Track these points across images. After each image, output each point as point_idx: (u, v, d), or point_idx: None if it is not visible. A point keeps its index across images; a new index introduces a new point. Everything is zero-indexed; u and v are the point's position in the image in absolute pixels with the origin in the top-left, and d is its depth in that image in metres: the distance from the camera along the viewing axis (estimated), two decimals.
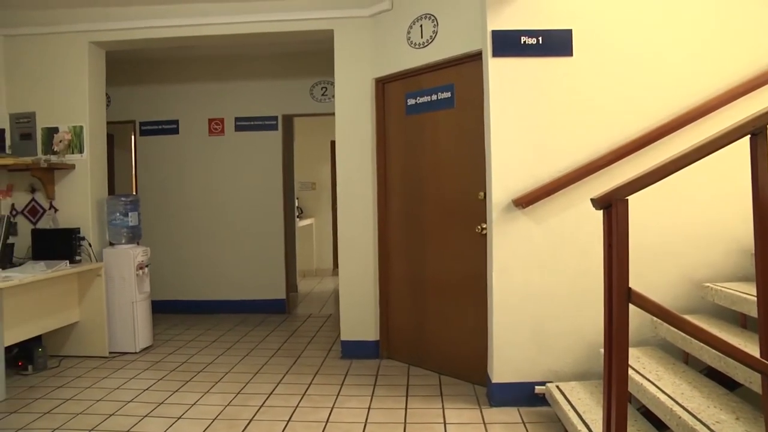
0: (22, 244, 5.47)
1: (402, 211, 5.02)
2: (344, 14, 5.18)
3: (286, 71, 7.25)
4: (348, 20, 5.19)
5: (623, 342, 2.24)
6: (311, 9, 5.23)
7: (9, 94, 5.59)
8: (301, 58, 7.15)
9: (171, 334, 6.22)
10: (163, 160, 7.41)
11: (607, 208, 2.28)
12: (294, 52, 7.07)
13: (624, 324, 2.23)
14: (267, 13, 5.29)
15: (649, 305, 2.25)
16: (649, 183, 2.28)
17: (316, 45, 6.25)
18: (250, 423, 3.75)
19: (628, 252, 2.23)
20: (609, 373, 2.30)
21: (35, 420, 3.90)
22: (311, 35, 5.44)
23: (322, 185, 10.92)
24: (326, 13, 5.21)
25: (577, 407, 3.29)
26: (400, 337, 5.07)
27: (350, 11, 5.16)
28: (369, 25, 5.13)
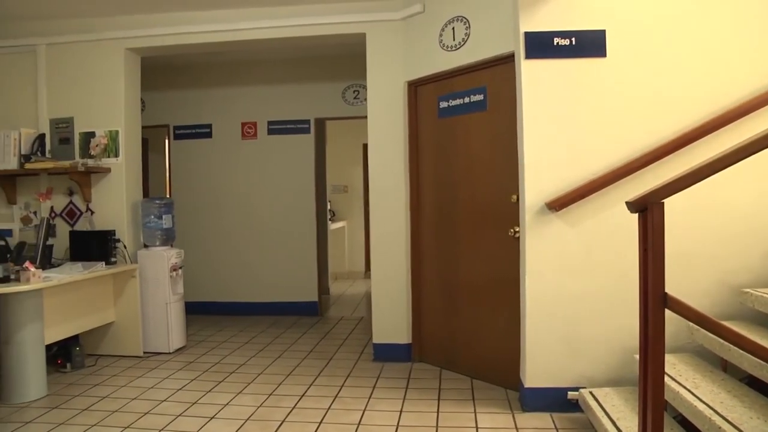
0: (60, 245, 5.59)
1: (434, 214, 5.01)
2: (376, 18, 5.19)
3: (319, 75, 7.29)
4: (380, 23, 5.19)
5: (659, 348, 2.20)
6: (343, 13, 5.25)
7: (49, 100, 5.72)
8: (333, 61, 7.19)
9: (204, 335, 6.28)
10: (196, 164, 7.50)
11: (643, 211, 2.25)
12: (326, 56, 7.11)
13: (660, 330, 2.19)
14: (299, 17, 5.32)
15: (685, 310, 2.20)
16: (686, 186, 2.24)
17: (348, 48, 6.27)
18: (282, 424, 3.77)
19: (664, 256, 2.19)
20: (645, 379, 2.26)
21: (74, 416, 4.01)
22: (343, 39, 5.47)
23: (354, 188, 10.95)
24: (358, 17, 5.23)
25: (611, 414, 3.24)
26: (433, 341, 5.05)
27: (382, 14, 5.16)
28: (401, 28, 5.13)
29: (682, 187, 2.24)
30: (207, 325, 6.79)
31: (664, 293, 2.19)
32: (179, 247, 5.89)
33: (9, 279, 4.35)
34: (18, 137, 5.50)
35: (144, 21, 5.56)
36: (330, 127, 8.38)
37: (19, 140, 5.50)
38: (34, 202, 5.77)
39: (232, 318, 7.15)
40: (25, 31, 5.69)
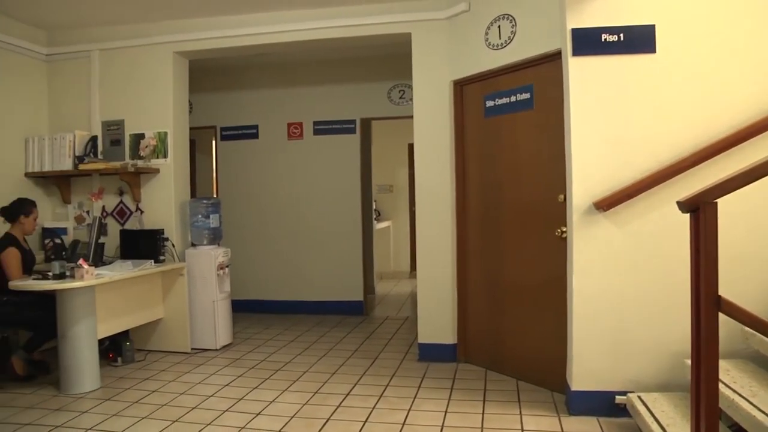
0: (111, 243, 5.74)
1: (480, 213, 4.97)
2: (421, 17, 5.18)
3: (364, 75, 7.31)
4: (425, 23, 5.17)
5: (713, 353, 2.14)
6: (389, 13, 5.25)
7: (102, 103, 5.90)
8: (378, 61, 7.20)
9: (250, 333, 6.36)
10: (243, 164, 7.60)
11: (695, 211, 2.19)
12: (372, 56, 7.13)
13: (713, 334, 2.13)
14: (345, 18, 5.35)
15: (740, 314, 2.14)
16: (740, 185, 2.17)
17: (393, 48, 6.26)
18: (328, 422, 3.79)
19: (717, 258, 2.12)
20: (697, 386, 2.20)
21: (126, 408, 4.13)
22: (389, 39, 5.47)
23: (399, 188, 10.95)
24: (403, 17, 5.22)
25: (661, 420, 3.16)
26: (478, 341, 5.02)
27: (427, 14, 5.15)
28: (446, 27, 5.11)
29: (736, 187, 2.17)
30: (253, 323, 6.87)
31: (718, 296, 2.13)
32: (226, 246, 5.98)
33: (64, 275, 4.49)
34: (72, 139, 5.68)
35: (192, 25, 5.68)
36: (375, 127, 8.38)
37: (74, 142, 5.68)
38: (87, 202, 5.95)
39: (277, 316, 7.22)
40: (79, 38, 5.90)
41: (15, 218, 4.93)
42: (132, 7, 5.37)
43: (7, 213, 4.94)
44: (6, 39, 5.51)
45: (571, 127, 3.77)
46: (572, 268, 3.80)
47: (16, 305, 4.70)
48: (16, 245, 4.81)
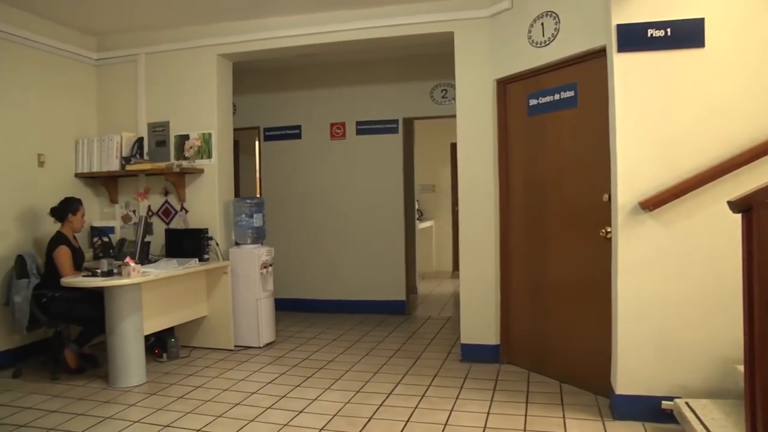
0: (156, 242, 5.86)
1: (523, 213, 4.91)
2: (464, 16, 5.14)
3: (407, 74, 7.29)
4: (468, 21, 5.13)
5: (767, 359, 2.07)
6: (431, 12, 5.22)
7: (148, 105, 6.04)
8: (421, 60, 7.18)
9: (293, 331, 6.41)
10: (286, 164, 7.66)
11: (747, 211, 2.12)
12: (414, 55, 7.11)
13: None
14: (387, 18, 5.34)
15: None
16: None
17: (436, 47, 6.25)
18: (370, 421, 3.79)
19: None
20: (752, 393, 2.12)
21: (171, 403, 4.23)
22: (431, 38, 5.44)
23: (442, 187, 10.90)
24: (446, 16, 5.19)
25: (711, 428, 3.04)
26: (521, 342, 4.96)
27: (470, 12, 5.11)
28: (488, 25, 5.06)
29: None
30: (295, 321, 6.92)
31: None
32: (269, 246, 6.02)
33: (112, 273, 4.60)
34: (120, 141, 5.82)
35: (235, 28, 5.75)
36: (418, 126, 8.37)
37: (121, 143, 5.82)
38: (133, 202, 6.09)
39: (320, 315, 7.26)
40: (127, 43, 6.06)
41: (63, 217, 5.08)
42: (177, 11, 5.48)
43: (56, 213, 5.09)
44: (59, 45, 5.72)
45: (616, 125, 3.70)
46: (617, 268, 3.72)
47: (68, 301, 4.87)
48: (66, 243, 4.97)
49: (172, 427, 3.78)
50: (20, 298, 4.82)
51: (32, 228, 5.41)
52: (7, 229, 5.20)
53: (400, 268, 7.34)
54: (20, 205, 5.32)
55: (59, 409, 4.14)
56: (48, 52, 5.63)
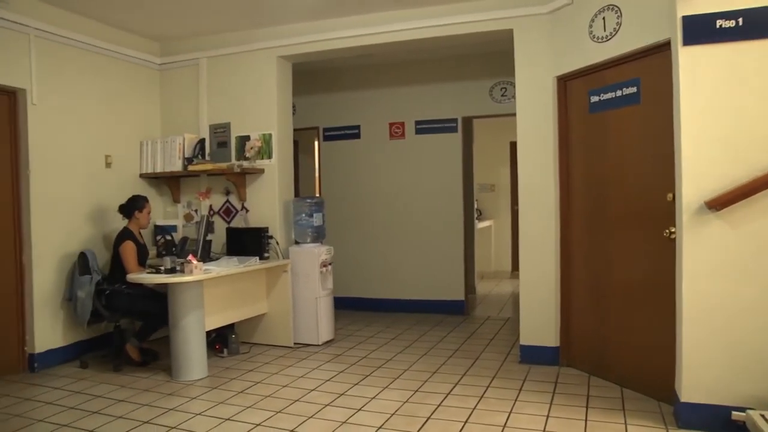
0: (217, 241, 5.99)
1: (584, 213, 4.79)
2: (523, 12, 5.05)
3: (465, 73, 7.24)
4: (527, 18, 5.05)
5: None
6: (490, 10, 5.16)
7: (209, 107, 6.19)
8: (480, 58, 7.11)
9: (351, 330, 6.43)
10: (345, 164, 7.71)
11: None
12: (473, 54, 7.05)
13: None
14: (446, 16, 5.30)
15: None
16: None
17: (494, 45, 6.19)
18: (428, 421, 3.76)
19: None
20: None
21: (231, 397, 4.32)
22: (490, 36, 5.37)
23: (501, 187, 10.80)
24: (505, 13, 5.11)
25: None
26: (581, 345, 4.84)
27: (529, 9, 5.02)
28: (548, 21, 4.96)
29: None
30: (354, 320, 6.95)
31: None
32: (329, 245, 6.06)
33: (175, 270, 4.72)
34: (182, 142, 5.96)
35: (294, 30, 5.82)
36: (477, 125, 8.30)
37: (183, 145, 5.96)
38: (195, 201, 6.24)
39: (378, 314, 7.27)
40: (189, 48, 6.23)
41: (130, 214, 5.27)
42: (238, 15, 5.58)
43: (123, 210, 5.30)
44: (126, 51, 5.94)
45: (681, 121, 3.54)
46: (682, 270, 3.57)
47: (130, 296, 5.05)
48: (132, 239, 5.15)
49: (233, 420, 3.85)
50: (83, 294, 5.02)
51: (101, 225, 5.65)
52: (78, 225, 5.44)
53: (459, 268, 7.28)
54: (89, 204, 5.55)
55: (126, 399, 4.32)
56: (115, 59, 5.85)
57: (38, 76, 5.07)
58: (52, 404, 4.26)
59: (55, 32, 5.19)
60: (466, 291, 7.43)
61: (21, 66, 4.96)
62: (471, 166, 8.11)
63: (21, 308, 5.07)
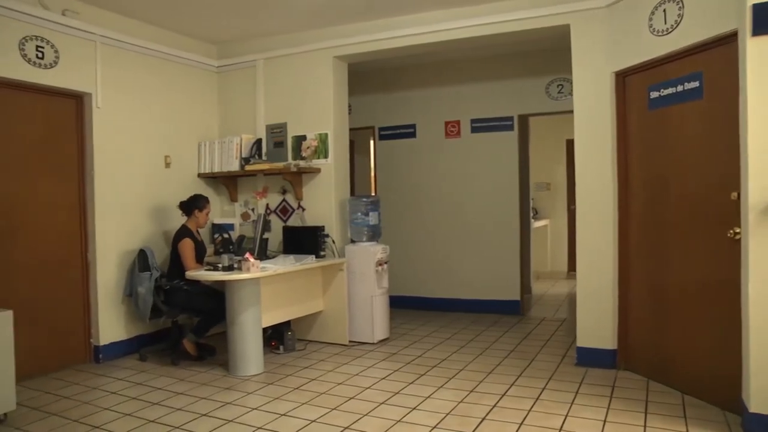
0: (274, 239, 6.09)
1: (643, 212, 4.67)
2: (580, 7, 4.95)
3: (521, 70, 7.16)
4: (584, 13, 4.95)
5: None
6: (546, 5, 5.08)
7: (266, 108, 6.30)
8: (536, 55, 7.03)
9: (406, 329, 6.44)
10: (400, 163, 7.73)
11: None
12: (529, 51, 6.97)
13: None
14: (502, 13, 5.25)
15: None
16: None
17: (550, 42, 6.11)
18: (483, 422, 3.73)
19: None
20: None
21: (287, 393, 4.39)
22: (546, 32, 5.29)
23: (557, 186, 10.64)
24: (561, 8, 5.03)
25: None
26: (640, 348, 4.71)
27: (586, 3, 4.92)
28: (606, 15, 4.85)
29: None
30: (409, 319, 6.95)
31: None
32: (384, 243, 6.08)
33: (233, 268, 4.81)
34: (239, 142, 6.08)
35: (350, 30, 5.87)
36: (532, 123, 8.20)
37: (240, 145, 6.07)
38: (252, 200, 6.37)
39: (433, 313, 7.26)
40: (246, 50, 6.37)
41: (190, 212, 5.41)
42: (294, 17, 5.67)
43: (183, 207, 5.44)
44: (185, 55, 6.13)
45: (747, 116, 3.39)
46: (747, 273, 3.42)
47: (189, 293, 5.19)
48: (190, 236, 5.28)
49: (288, 416, 3.90)
50: (144, 289, 5.18)
51: (160, 223, 5.84)
52: (138, 224, 5.65)
53: (514, 268, 7.21)
54: (149, 203, 5.75)
55: (185, 392, 4.46)
56: (174, 62, 6.04)
57: (102, 81, 5.28)
58: (116, 394, 4.46)
59: (119, 38, 5.41)
60: (522, 291, 7.35)
61: (87, 71, 5.18)
62: (527, 164, 8.02)
63: (87, 303, 5.32)
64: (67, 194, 5.20)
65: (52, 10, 4.87)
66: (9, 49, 4.60)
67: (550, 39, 5.71)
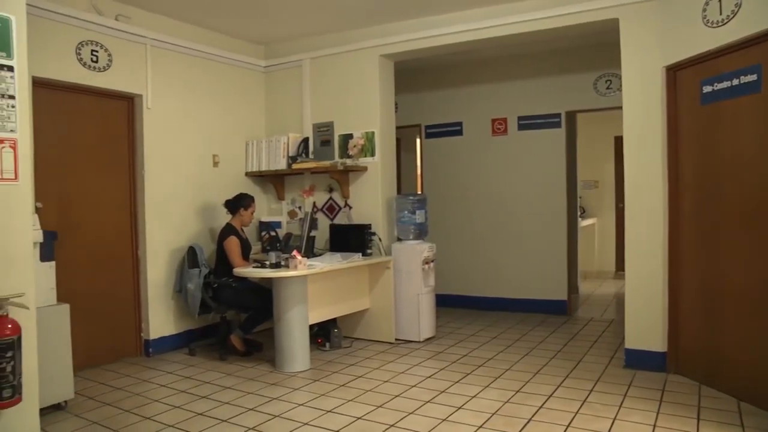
0: (321, 237, 6.16)
1: (694, 210, 4.54)
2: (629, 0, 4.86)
3: (568, 67, 7.06)
4: (634, 6, 4.84)
5: None
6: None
7: (313, 107, 6.36)
8: (583, 51, 6.93)
9: (452, 327, 6.43)
10: (446, 161, 7.71)
11: None
12: (575, 47, 6.88)
13: None
14: (549, 8, 5.18)
15: None
16: None
17: (598, 37, 6.01)
18: (529, 423, 3.70)
19: None
20: None
21: (333, 390, 4.44)
22: (595, 27, 5.20)
23: (605, 183, 10.47)
24: (610, 2, 4.92)
25: None
26: (691, 351, 4.58)
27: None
28: (657, 8, 4.73)
29: None
30: (455, 317, 6.94)
31: None
32: (431, 242, 6.08)
33: (280, 265, 4.88)
34: (286, 141, 6.15)
35: (396, 28, 5.88)
36: (580, 119, 8.08)
37: (287, 144, 6.15)
38: (299, 198, 6.45)
39: (479, 312, 7.24)
40: (292, 50, 6.46)
41: (235, 210, 5.51)
42: (340, 16, 5.71)
43: (229, 205, 5.54)
44: (232, 56, 6.25)
45: None
46: None
47: (237, 290, 5.28)
48: (236, 234, 5.37)
49: (334, 413, 3.94)
50: (193, 286, 5.30)
51: (207, 220, 5.97)
52: (187, 221, 5.79)
53: (561, 267, 7.12)
54: (197, 201, 5.88)
55: (232, 386, 4.56)
56: (222, 63, 6.17)
57: (153, 82, 5.43)
58: (166, 387, 4.60)
59: (168, 41, 5.56)
60: (569, 291, 7.27)
61: (138, 73, 5.34)
62: (574, 162, 7.92)
63: (138, 298, 5.48)
64: (119, 193, 5.37)
65: (107, 16, 5.04)
66: (66, 54, 4.80)
67: (598, 33, 5.62)
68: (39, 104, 4.46)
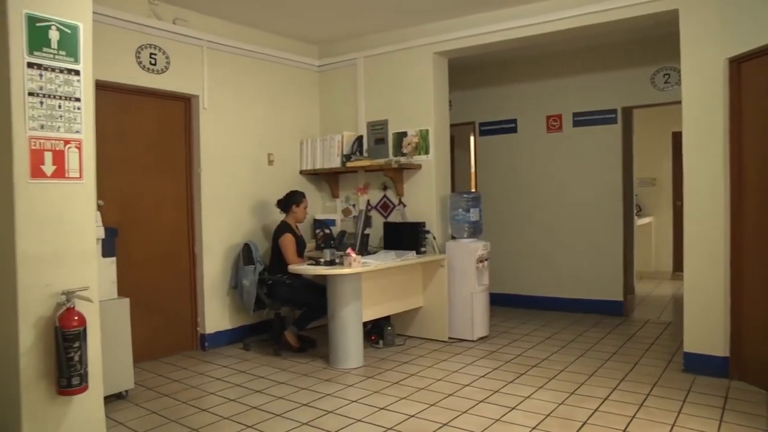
0: (375, 235, 6.20)
1: (759, 209, 4.36)
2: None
3: (624, 61, 6.92)
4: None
5: None
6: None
7: (367, 105, 6.41)
8: (640, 44, 6.77)
9: (506, 327, 6.39)
10: (500, 159, 7.66)
11: None
12: (632, 39, 6.73)
13: None
14: (605, 2, 5.07)
15: None
16: None
17: (655, 30, 5.87)
18: (584, 426, 3.65)
19: None
20: None
21: (386, 387, 4.47)
22: (653, 19, 5.04)
23: (662, 181, 10.22)
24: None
25: None
26: (756, 357, 4.40)
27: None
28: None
29: None
30: (509, 317, 6.90)
31: None
32: (485, 240, 6.06)
33: (334, 263, 4.93)
34: (341, 140, 6.21)
35: (449, 25, 5.87)
36: (636, 115, 7.90)
37: (342, 142, 6.20)
38: (353, 196, 6.52)
39: (533, 312, 7.18)
40: (346, 49, 6.52)
41: (288, 208, 5.60)
42: (393, 15, 5.73)
43: (281, 204, 5.64)
44: (287, 56, 6.36)
45: None
46: None
47: (291, 286, 5.37)
48: (290, 231, 5.45)
49: (387, 410, 3.97)
50: (248, 282, 5.41)
51: (262, 218, 6.10)
52: (241, 219, 5.92)
53: (617, 267, 6.99)
54: (252, 199, 6.01)
55: (286, 382, 4.65)
56: (277, 63, 6.29)
57: (209, 83, 5.58)
58: (221, 380, 4.72)
59: (224, 43, 5.70)
60: (625, 291, 7.11)
61: (195, 75, 5.49)
62: (631, 158, 7.73)
63: (194, 293, 5.64)
64: (176, 191, 5.53)
65: (165, 20, 5.21)
66: (127, 57, 4.99)
67: (655, 26, 5.48)
68: (101, 106, 4.59)
